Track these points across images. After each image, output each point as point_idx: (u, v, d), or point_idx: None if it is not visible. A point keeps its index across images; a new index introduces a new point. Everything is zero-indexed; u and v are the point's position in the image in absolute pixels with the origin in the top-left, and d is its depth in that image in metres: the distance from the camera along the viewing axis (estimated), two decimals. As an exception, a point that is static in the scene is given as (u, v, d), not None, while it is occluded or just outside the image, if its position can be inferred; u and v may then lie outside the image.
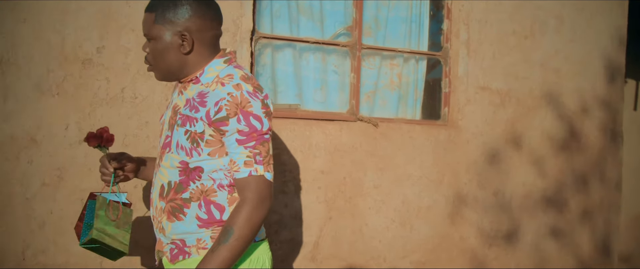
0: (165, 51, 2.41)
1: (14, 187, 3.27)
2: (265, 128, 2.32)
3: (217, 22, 2.47)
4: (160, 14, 2.39)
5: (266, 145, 2.34)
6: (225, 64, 2.43)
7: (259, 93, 2.32)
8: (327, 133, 4.14)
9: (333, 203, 4.17)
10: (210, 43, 2.44)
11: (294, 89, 4.23)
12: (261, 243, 2.47)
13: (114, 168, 2.57)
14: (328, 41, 4.30)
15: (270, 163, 2.34)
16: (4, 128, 3.24)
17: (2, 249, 3.26)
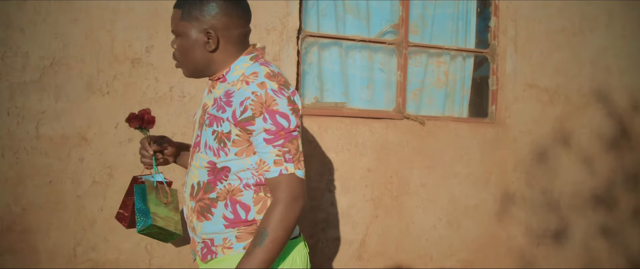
0: (191, 48, 2.38)
1: (65, 185, 3.33)
2: (292, 125, 2.26)
3: (245, 20, 2.42)
4: (186, 11, 2.36)
5: (295, 143, 2.28)
6: (251, 61, 2.38)
7: (284, 91, 2.27)
8: (374, 131, 4.13)
9: (380, 201, 4.16)
10: (237, 41, 2.40)
11: (340, 87, 4.23)
12: (291, 242, 2.41)
13: (153, 151, 2.57)
14: (374, 39, 4.29)
15: (300, 160, 2.29)
16: (56, 127, 3.29)
17: (54, 246, 3.31)
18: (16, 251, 3.23)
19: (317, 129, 3.94)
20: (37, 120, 3.25)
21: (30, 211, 3.24)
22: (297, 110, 2.29)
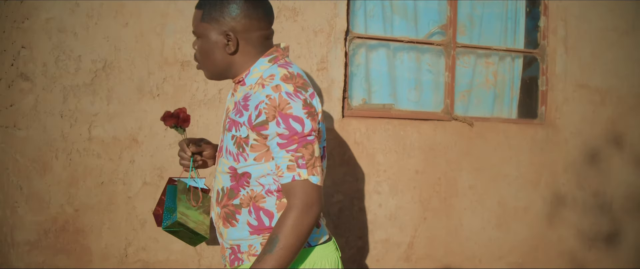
0: (211, 50, 2.34)
1: (117, 186, 3.37)
2: (306, 129, 2.18)
3: (266, 22, 2.36)
4: (206, 12, 2.33)
5: (310, 147, 2.19)
6: (269, 63, 2.32)
7: (300, 93, 2.20)
8: (422, 132, 4.11)
9: (428, 203, 4.14)
10: (257, 43, 2.34)
11: (388, 89, 4.22)
12: (315, 247, 2.35)
13: (192, 153, 2.55)
14: (422, 40, 4.27)
15: (315, 166, 2.21)
16: (108, 129, 3.34)
17: (106, 246, 3.36)
18: (69, 251, 3.28)
19: (365, 131, 3.93)
20: (90, 122, 3.30)
21: (83, 212, 3.30)
22: (313, 113, 2.21)
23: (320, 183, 2.21)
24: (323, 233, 2.38)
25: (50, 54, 3.22)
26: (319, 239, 2.35)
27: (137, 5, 3.37)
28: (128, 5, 3.35)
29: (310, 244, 2.32)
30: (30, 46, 3.21)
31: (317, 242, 2.34)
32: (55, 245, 3.26)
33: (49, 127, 3.23)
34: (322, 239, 2.37)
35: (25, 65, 3.25)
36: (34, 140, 3.21)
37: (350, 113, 3.93)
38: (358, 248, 3.94)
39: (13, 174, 3.62)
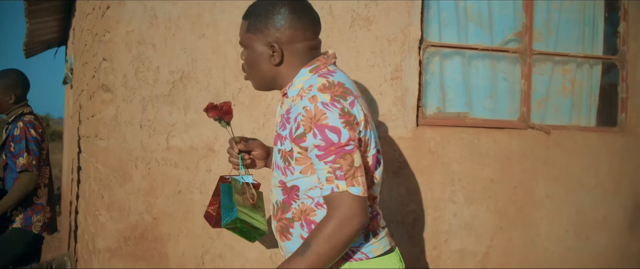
0: (257, 61, 2.32)
1: (194, 195, 3.43)
2: (343, 139, 2.10)
3: (312, 32, 2.33)
4: (252, 23, 2.31)
5: (348, 158, 2.11)
6: (310, 74, 2.27)
7: (337, 103, 2.12)
8: (497, 141, 4.06)
9: (504, 212, 4.08)
10: (303, 54, 2.30)
11: (462, 97, 4.18)
12: (374, 259, 2.28)
13: (239, 150, 2.55)
14: (497, 48, 4.22)
15: (355, 176, 2.12)
16: (185, 139, 3.40)
17: (183, 254, 3.42)
18: (148, 258, 3.35)
19: (440, 139, 3.91)
20: (167, 132, 3.37)
21: (161, 220, 3.37)
22: (352, 122, 2.13)
23: (362, 194, 2.12)
24: (384, 244, 2.32)
25: (130, 66, 3.30)
26: (377, 250, 2.29)
27: (213, 17, 3.43)
28: (205, 17, 3.41)
29: (368, 256, 2.27)
30: (111, 58, 3.29)
31: (375, 254, 2.28)
32: (135, 252, 3.33)
33: (129, 136, 3.31)
34: (381, 251, 2.30)
35: (107, 77, 3.34)
36: (115, 149, 3.30)
37: (424, 122, 3.91)
38: (433, 257, 3.91)
39: (95, 183, 3.73)
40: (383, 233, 2.33)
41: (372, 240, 2.28)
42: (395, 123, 3.79)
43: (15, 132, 4.57)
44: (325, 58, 2.33)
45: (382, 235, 2.33)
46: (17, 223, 4.66)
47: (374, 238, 2.28)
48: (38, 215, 4.71)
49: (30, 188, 4.54)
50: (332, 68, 2.32)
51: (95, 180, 3.81)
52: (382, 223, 2.37)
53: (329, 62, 2.33)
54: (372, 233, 2.29)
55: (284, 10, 2.27)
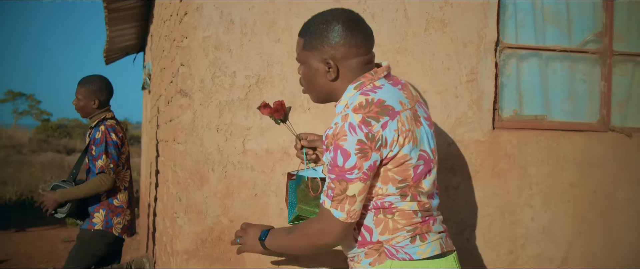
0: (314, 77, 2.44)
1: (269, 198, 3.46)
2: (348, 165, 2.22)
3: (365, 48, 2.41)
4: (308, 40, 2.42)
5: (343, 184, 2.25)
6: (355, 90, 2.37)
7: (365, 126, 2.22)
8: (576, 144, 3.97)
9: (583, 217, 3.99)
10: (357, 69, 2.40)
11: (539, 99, 4.11)
12: (418, 261, 2.37)
13: (302, 146, 2.71)
14: (576, 49, 4.13)
15: (342, 202, 2.27)
16: (261, 143, 3.43)
17: (259, 257, 3.43)
18: (225, 261, 3.39)
19: (516, 142, 3.85)
20: (244, 136, 3.41)
21: (237, 223, 3.40)
22: (368, 150, 2.22)
23: (343, 219, 2.29)
24: (432, 248, 2.40)
25: (207, 71, 3.35)
26: (423, 253, 2.38)
27: (288, 21, 3.45)
28: (280, 22, 3.44)
29: (413, 257, 2.36)
30: (189, 64, 3.35)
31: (420, 256, 2.37)
32: (212, 255, 3.38)
33: (206, 140, 3.36)
34: (427, 254, 2.38)
35: (184, 82, 3.40)
36: (192, 153, 3.35)
37: (500, 125, 3.85)
38: (509, 262, 3.85)
39: (173, 186, 3.80)
40: (433, 238, 2.41)
41: (418, 243, 2.37)
42: (471, 127, 3.75)
43: (97, 136, 4.71)
44: (373, 74, 2.40)
45: (432, 240, 2.41)
46: (99, 225, 4.79)
47: (421, 241, 2.38)
48: (118, 217, 4.83)
49: (101, 189, 4.66)
50: (379, 83, 2.38)
51: (173, 183, 3.88)
52: (436, 228, 2.44)
53: (377, 77, 2.40)
54: (420, 236, 2.38)
55: (338, 27, 2.36)
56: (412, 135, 2.31)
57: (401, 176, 2.33)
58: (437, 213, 2.51)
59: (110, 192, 4.84)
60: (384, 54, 3.56)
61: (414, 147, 2.32)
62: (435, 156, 2.46)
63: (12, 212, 13.71)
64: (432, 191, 2.48)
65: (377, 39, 3.55)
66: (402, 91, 2.41)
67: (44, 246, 10.07)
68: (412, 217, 2.38)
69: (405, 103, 2.36)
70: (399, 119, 2.28)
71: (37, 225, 12.01)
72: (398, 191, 2.35)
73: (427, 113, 2.51)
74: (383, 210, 2.37)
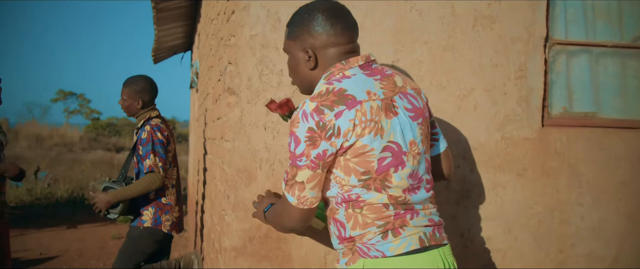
0: (295, 66, 2.49)
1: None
2: (298, 152, 2.28)
3: (344, 38, 2.43)
4: (291, 30, 2.47)
5: (294, 170, 2.31)
6: (324, 80, 2.39)
7: (317, 114, 2.25)
8: (628, 142, 3.90)
9: (635, 216, 3.92)
10: (336, 59, 2.41)
11: (590, 96, 4.04)
12: (391, 258, 2.33)
13: None
14: (627, 44, 4.05)
15: (292, 187, 2.34)
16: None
17: (306, 254, 3.46)
18: (273, 258, 3.41)
19: (566, 140, 3.79)
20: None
21: (284, 220, 3.41)
22: (317, 138, 2.25)
23: (294, 204, 2.35)
24: (407, 243, 2.34)
25: (254, 69, 3.37)
26: (397, 249, 2.32)
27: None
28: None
29: (385, 254, 2.32)
30: (236, 62, 3.37)
31: (393, 252, 2.32)
32: (260, 252, 3.40)
33: (254, 138, 3.38)
34: (401, 250, 2.33)
35: (232, 80, 3.42)
36: (240, 151, 3.37)
37: (550, 122, 3.80)
38: (559, 261, 3.80)
39: (221, 183, 3.83)
40: (410, 233, 2.35)
41: (390, 238, 2.33)
42: (520, 124, 3.71)
43: (143, 136, 4.77)
44: (343, 64, 2.40)
45: (407, 234, 2.35)
46: (148, 222, 4.85)
47: (393, 237, 2.33)
48: (167, 214, 4.89)
49: (152, 187, 4.71)
50: (350, 72, 2.39)
51: (221, 180, 3.91)
52: (416, 222, 2.38)
53: (348, 67, 2.40)
54: (392, 231, 2.33)
55: (319, 16, 2.40)
56: (376, 125, 2.29)
57: (363, 167, 2.31)
58: (424, 207, 2.45)
59: (158, 190, 4.89)
60: (430, 51, 3.54)
61: (377, 138, 2.30)
62: (417, 147, 2.42)
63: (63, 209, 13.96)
64: (412, 185, 2.41)
65: (424, 35, 3.54)
66: (379, 81, 2.39)
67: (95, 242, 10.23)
68: (382, 211, 2.34)
69: (375, 93, 2.34)
70: (358, 109, 2.28)
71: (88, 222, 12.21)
72: (361, 184, 2.33)
73: (415, 105, 2.46)
74: (352, 204, 2.35)
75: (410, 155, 2.39)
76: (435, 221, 2.46)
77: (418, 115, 2.46)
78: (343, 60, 2.41)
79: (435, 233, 2.43)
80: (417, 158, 2.42)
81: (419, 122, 2.45)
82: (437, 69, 3.57)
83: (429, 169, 2.51)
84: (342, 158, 2.31)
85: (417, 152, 2.42)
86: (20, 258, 8.85)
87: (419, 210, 2.42)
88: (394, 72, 2.52)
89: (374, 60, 2.49)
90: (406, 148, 2.38)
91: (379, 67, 2.48)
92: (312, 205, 2.36)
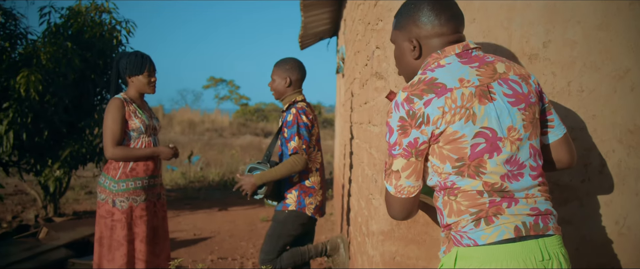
0: (401, 56, 2.52)
1: (465, 180, 3.43)
2: (391, 141, 2.34)
3: (449, 28, 2.43)
4: (398, 20, 2.50)
5: (390, 159, 2.37)
6: (420, 70, 2.42)
7: (407, 104, 2.29)
8: None
9: None
10: (439, 49, 2.42)
11: None
12: (483, 247, 2.28)
13: None
14: None
15: (390, 176, 2.40)
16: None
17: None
18: (420, 242, 3.41)
19: None
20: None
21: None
22: (407, 126, 2.29)
23: (393, 193, 2.41)
24: (500, 232, 2.27)
25: (401, 53, 3.36)
26: (489, 238, 2.27)
27: (484, 2, 3.39)
28: (474, 3, 3.39)
29: (477, 243, 2.28)
30: (384, 46, 3.38)
31: (485, 241, 2.27)
32: (407, 236, 3.40)
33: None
34: (493, 239, 2.27)
35: (379, 65, 3.44)
36: (387, 135, 3.38)
37: None
38: None
39: (368, 167, 3.86)
40: (505, 221, 2.29)
41: (483, 226, 2.29)
42: (682, 106, 3.51)
43: (289, 118, 4.87)
44: (439, 53, 2.41)
45: (502, 222, 2.29)
46: (292, 206, 4.96)
47: (486, 225, 2.29)
48: (310, 197, 4.98)
49: (295, 169, 4.80)
50: (445, 61, 2.40)
51: (369, 165, 3.94)
52: (513, 211, 2.31)
53: (444, 56, 2.41)
54: (485, 219, 2.29)
55: (425, 7, 2.44)
56: (467, 112, 2.28)
57: (456, 154, 2.30)
58: (527, 195, 2.37)
59: (302, 174, 4.99)
60: (583, 31, 3.41)
61: (468, 124, 2.28)
62: (517, 133, 2.36)
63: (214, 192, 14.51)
64: (511, 171, 2.35)
65: (577, 15, 3.42)
66: (475, 69, 2.38)
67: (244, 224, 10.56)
68: (476, 198, 2.31)
69: (469, 80, 2.33)
70: (448, 96, 2.28)
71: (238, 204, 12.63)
72: (455, 171, 2.32)
73: (517, 90, 2.41)
74: (448, 191, 2.36)
75: (508, 140, 2.34)
76: (541, 210, 2.37)
77: (520, 100, 2.40)
78: (445, 48, 2.44)
79: (539, 223, 2.34)
80: (516, 144, 2.36)
81: (521, 107, 2.39)
82: (591, 49, 3.44)
83: (535, 155, 2.43)
84: (436, 146, 2.33)
85: (516, 138, 2.36)
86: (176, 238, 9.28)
87: (519, 198, 2.35)
88: (498, 58, 2.49)
89: (476, 47, 2.47)
90: (502, 134, 2.33)
91: (480, 55, 2.47)
92: (411, 194, 2.40)
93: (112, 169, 5.03)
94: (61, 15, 9.75)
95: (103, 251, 5.04)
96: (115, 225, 5.00)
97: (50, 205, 10.56)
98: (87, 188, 14.34)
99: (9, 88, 8.62)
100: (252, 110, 43.56)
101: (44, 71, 8.59)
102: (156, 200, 5.24)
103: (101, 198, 5.06)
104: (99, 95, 10.03)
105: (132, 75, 5.07)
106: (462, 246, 2.31)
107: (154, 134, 5.21)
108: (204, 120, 37.52)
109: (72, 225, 8.39)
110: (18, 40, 9.12)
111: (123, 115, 4.95)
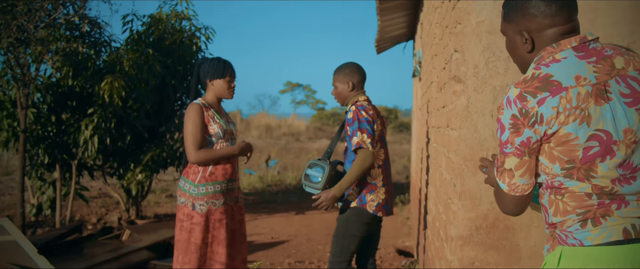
0: (512, 49, 2.43)
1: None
2: (503, 139, 2.25)
3: (561, 18, 2.28)
4: (506, 12, 2.40)
5: (502, 158, 2.30)
6: (534, 64, 2.30)
7: (520, 101, 2.18)
8: None
9: None
10: (553, 40, 2.29)
11: None
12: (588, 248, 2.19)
13: None
14: None
15: (503, 174, 2.33)
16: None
17: (534, 245, 3.37)
18: (499, 248, 3.37)
19: None
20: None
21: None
22: (520, 125, 2.20)
23: (507, 191, 2.33)
24: (608, 234, 2.18)
25: (480, 56, 3.33)
26: (595, 239, 2.18)
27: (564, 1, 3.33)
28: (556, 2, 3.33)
29: (583, 243, 2.19)
30: (462, 49, 3.35)
31: (591, 242, 2.18)
32: (486, 241, 3.36)
33: (480, 126, 3.34)
34: (600, 240, 2.18)
35: (458, 68, 3.41)
36: (466, 139, 3.35)
37: None
38: None
39: (446, 172, 3.83)
40: (613, 223, 2.19)
41: (589, 227, 2.20)
42: None
43: (349, 116, 4.86)
44: (554, 47, 2.29)
45: (610, 224, 2.20)
46: (353, 202, 4.92)
47: (593, 226, 2.20)
48: (371, 194, 4.91)
49: (365, 163, 4.74)
50: (561, 55, 2.28)
51: (447, 169, 3.91)
52: (622, 213, 2.21)
53: (560, 49, 2.29)
54: (592, 220, 2.21)
55: None
56: (583, 113, 2.16)
57: (567, 156, 2.20)
58: (639, 198, 2.25)
59: (363, 169, 4.94)
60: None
61: (583, 126, 2.17)
62: (634, 136, 2.23)
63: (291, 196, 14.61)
64: (623, 175, 2.23)
65: (665, 16, 3.32)
66: (593, 64, 2.23)
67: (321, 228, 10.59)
68: (584, 199, 2.22)
69: (586, 78, 2.19)
70: (563, 96, 2.16)
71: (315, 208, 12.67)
72: (563, 173, 2.23)
73: (635, 89, 2.26)
74: (555, 190, 2.26)
75: (623, 144, 2.22)
76: None
77: (637, 100, 2.26)
78: (561, 41, 2.31)
79: None
80: (631, 147, 2.25)
81: (638, 108, 2.28)
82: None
83: None
84: (546, 145, 2.24)
85: (632, 141, 2.24)
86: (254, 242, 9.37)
87: (630, 201, 2.25)
88: (617, 51, 2.34)
89: (594, 39, 2.33)
90: (618, 137, 2.21)
91: (599, 47, 2.32)
92: (525, 191, 2.33)
93: (192, 173, 5.11)
94: (143, 23, 9.98)
95: (181, 253, 5.13)
96: (194, 228, 5.08)
97: (132, 208, 10.82)
98: (167, 192, 14.62)
99: (93, 95, 8.87)
100: (328, 114, 43.68)
101: (126, 77, 8.80)
102: (234, 204, 5.30)
103: (181, 201, 5.14)
104: (179, 101, 10.22)
105: (214, 79, 5.14)
106: (567, 245, 2.25)
107: (231, 139, 5.27)
108: (280, 124, 37.83)
109: (154, 227, 8.56)
110: (102, 48, 9.37)
111: (203, 120, 5.03)
